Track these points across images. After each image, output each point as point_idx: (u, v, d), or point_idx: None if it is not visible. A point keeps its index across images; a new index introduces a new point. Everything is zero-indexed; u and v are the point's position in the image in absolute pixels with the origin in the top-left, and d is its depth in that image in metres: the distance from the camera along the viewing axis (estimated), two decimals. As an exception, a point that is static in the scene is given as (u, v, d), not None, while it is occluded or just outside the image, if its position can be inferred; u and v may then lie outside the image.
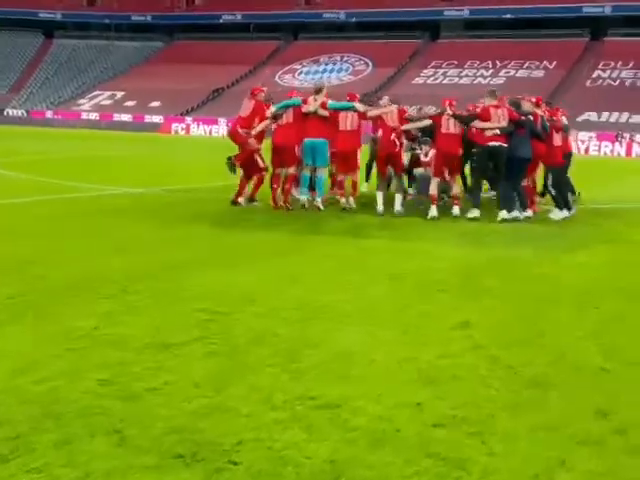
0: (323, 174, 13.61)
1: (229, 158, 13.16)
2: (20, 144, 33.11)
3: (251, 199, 13.54)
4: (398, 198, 13.06)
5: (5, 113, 67.45)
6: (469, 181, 14.63)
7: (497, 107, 12.96)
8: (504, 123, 12.77)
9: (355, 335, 5.70)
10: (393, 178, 13.58)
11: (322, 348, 5.35)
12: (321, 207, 13.05)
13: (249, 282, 7.31)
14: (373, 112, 13.63)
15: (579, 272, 8.55)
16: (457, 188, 13.57)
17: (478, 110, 13.35)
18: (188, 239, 9.74)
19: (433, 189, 12.95)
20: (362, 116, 13.51)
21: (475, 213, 12.67)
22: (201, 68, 69.21)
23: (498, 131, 12.68)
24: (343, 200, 13.45)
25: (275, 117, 13.25)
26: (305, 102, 13.37)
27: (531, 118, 12.82)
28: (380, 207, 12.95)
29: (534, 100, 13.57)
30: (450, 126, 13.01)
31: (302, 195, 13.32)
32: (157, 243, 9.42)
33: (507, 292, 7.35)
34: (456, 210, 12.93)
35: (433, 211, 12.65)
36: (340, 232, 10.83)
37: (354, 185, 13.91)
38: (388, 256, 9.09)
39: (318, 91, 13.46)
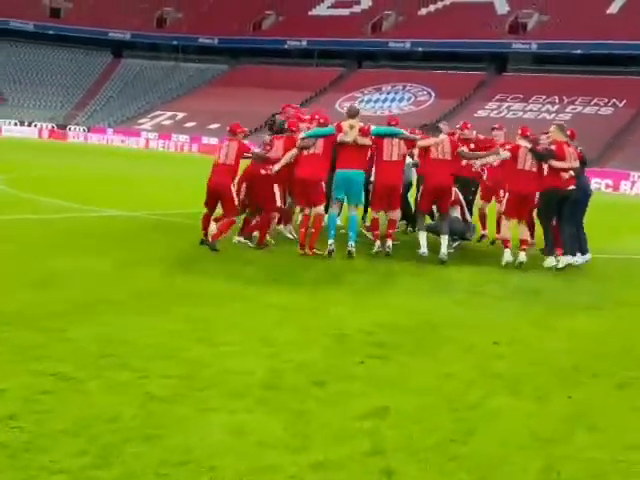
0: (356, 213, 11.92)
1: (202, 242, 11.05)
2: (49, 159, 32.82)
3: (246, 235, 11.76)
4: (445, 240, 11.42)
5: (68, 129, 68.09)
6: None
7: (568, 145, 11.69)
8: (576, 163, 11.56)
9: (219, 426, 4.48)
10: (440, 217, 11.91)
11: (155, 443, 4.17)
12: (353, 252, 11.09)
13: (145, 334, 6.16)
14: (424, 142, 11.64)
15: (564, 344, 7.19)
16: (527, 232, 11.92)
17: (552, 147, 11.62)
18: (120, 276, 8.67)
19: (506, 232, 11.67)
20: (411, 145, 11.75)
21: (552, 262, 11.48)
22: (263, 92, 68.77)
23: (572, 172, 11.51)
24: (378, 243, 11.59)
25: (303, 148, 11.33)
26: (339, 129, 11.41)
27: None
28: (424, 249, 11.30)
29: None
30: (527, 162, 11.54)
31: (330, 239, 11.08)
32: (81, 278, 8.34)
33: (460, 368, 6.05)
34: (522, 256, 11.39)
35: (507, 255, 11.40)
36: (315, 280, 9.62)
37: (393, 225, 11.86)
38: (344, 309, 7.84)
39: (353, 115, 11.56)
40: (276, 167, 11.31)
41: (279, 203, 11.57)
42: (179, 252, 10.55)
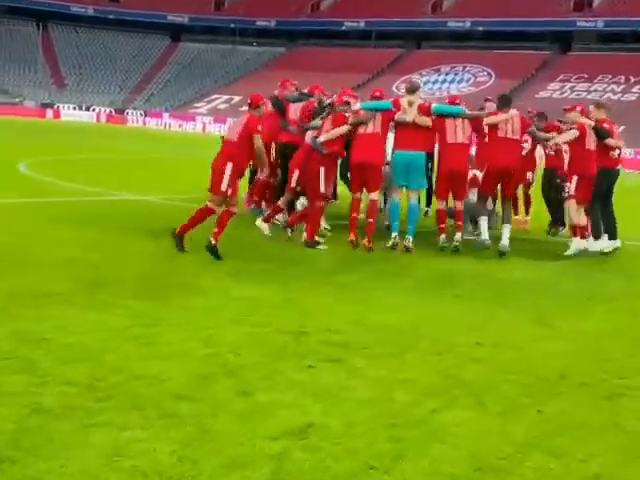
0: (417, 201, 10.76)
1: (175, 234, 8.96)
2: (94, 142, 32.69)
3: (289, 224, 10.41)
4: (507, 229, 10.42)
5: (125, 113, 68.39)
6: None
7: (611, 123, 10.89)
8: (621, 142, 10.93)
9: (96, 448, 3.79)
10: (504, 203, 10.86)
11: (5, 470, 3.50)
12: (412, 247, 10.06)
13: (73, 331, 5.50)
14: (493, 119, 10.41)
15: (559, 346, 6.33)
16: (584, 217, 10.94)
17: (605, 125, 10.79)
18: (79, 266, 8.07)
19: (576, 216, 10.70)
20: (477, 124, 10.55)
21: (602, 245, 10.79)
22: (320, 75, 67.65)
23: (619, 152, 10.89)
24: (443, 237, 10.43)
25: (359, 123, 10.15)
26: (396, 105, 10.26)
27: None
28: (485, 236, 10.37)
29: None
30: (592, 141, 10.62)
31: (394, 231, 10.15)
32: (35, 266, 7.75)
33: (422, 373, 5.26)
34: (581, 243, 10.63)
35: (580, 244, 10.63)
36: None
37: (460, 216, 10.66)
38: (318, 304, 7.07)
39: (413, 90, 10.38)
40: (321, 138, 10.05)
41: (323, 190, 10.06)
42: (157, 240, 9.90)
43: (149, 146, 35.85)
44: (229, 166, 8.76)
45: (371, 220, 10.06)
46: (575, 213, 10.64)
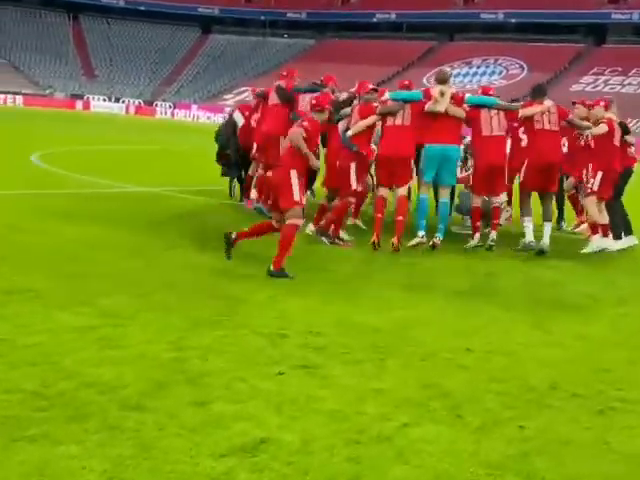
0: (447, 197, 10.20)
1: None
2: (102, 132, 32.54)
3: (322, 231, 9.78)
4: (548, 227, 9.93)
5: (154, 105, 68.43)
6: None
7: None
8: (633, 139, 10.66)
9: (21, 464, 3.45)
10: (545, 199, 10.23)
11: None
12: (439, 244, 9.58)
13: (33, 331, 5.18)
14: (528, 110, 9.88)
15: (555, 353, 5.91)
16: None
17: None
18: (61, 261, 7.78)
19: (596, 214, 10.10)
20: (512, 116, 10.04)
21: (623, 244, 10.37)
22: (349, 67, 67.35)
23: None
24: (477, 236, 10.00)
25: (387, 113, 9.56)
26: (427, 96, 9.67)
27: None
28: (530, 237, 9.84)
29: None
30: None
31: (420, 230, 9.52)
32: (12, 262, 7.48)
33: (400, 382, 4.88)
34: (601, 242, 10.08)
35: (601, 242, 10.04)
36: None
37: (497, 213, 10.25)
38: (303, 303, 6.72)
39: (444, 80, 9.80)
40: (349, 132, 9.56)
41: (355, 186, 9.57)
42: (147, 234, 9.61)
43: (175, 138, 35.66)
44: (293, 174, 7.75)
45: (401, 218, 9.43)
46: (595, 210, 10.13)
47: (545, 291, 8.02)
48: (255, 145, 11.25)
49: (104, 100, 68.08)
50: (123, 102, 68.38)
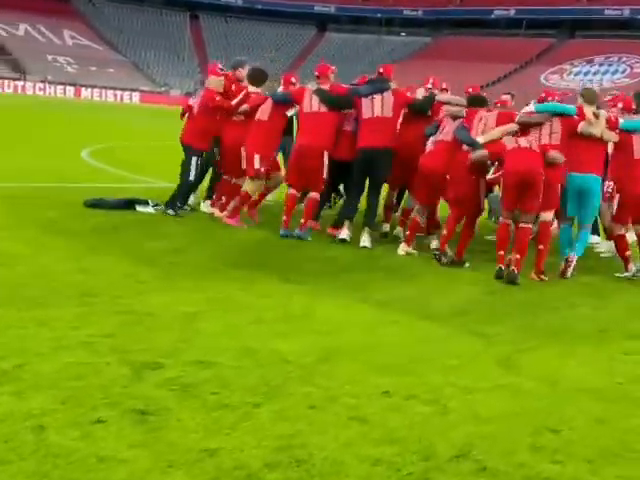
0: (589, 229, 8.71)
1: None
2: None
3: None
4: None
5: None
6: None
7: None
8: None
9: None
10: None
11: None
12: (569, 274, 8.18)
13: None
14: None
15: (499, 399, 4.61)
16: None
17: None
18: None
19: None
20: None
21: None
22: (463, 65, 65.59)
23: None
24: (631, 267, 8.50)
25: (529, 124, 8.34)
26: (580, 114, 8.29)
27: None
28: None
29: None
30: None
31: (572, 256, 8.21)
32: None
33: (232, 447, 3.75)
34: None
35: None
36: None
37: None
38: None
39: (592, 101, 8.46)
40: (481, 139, 8.28)
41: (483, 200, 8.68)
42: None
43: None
44: None
45: (542, 246, 8.09)
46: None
47: (537, 310, 6.65)
48: None
49: (218, 98, 68.59)
50: (237, 99, 68.72)
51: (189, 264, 7.31)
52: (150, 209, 9.93)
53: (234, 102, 9.79)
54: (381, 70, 9.80)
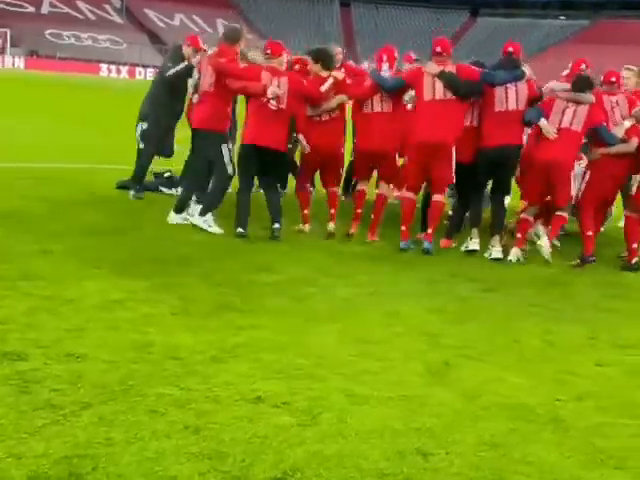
0: None
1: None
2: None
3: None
4: None
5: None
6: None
7: None
8: None
9: None
10: None
11: None
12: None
13: None
14: None
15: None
16: None
17: None
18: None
19: None
20: None
21: None
22: (625, 49, 62.03)
23: None
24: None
25: None
26: None
27: None
28: None
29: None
30: None
31: None
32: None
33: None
34: None
35: None
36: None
37: None
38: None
39: None
40: (617, 131, 7.56)
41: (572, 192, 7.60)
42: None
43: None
44: None
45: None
46: None
47: (532, 314, 5.77)
48: None
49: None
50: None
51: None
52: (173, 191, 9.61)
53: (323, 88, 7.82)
54: (510, 49, 7.92)
